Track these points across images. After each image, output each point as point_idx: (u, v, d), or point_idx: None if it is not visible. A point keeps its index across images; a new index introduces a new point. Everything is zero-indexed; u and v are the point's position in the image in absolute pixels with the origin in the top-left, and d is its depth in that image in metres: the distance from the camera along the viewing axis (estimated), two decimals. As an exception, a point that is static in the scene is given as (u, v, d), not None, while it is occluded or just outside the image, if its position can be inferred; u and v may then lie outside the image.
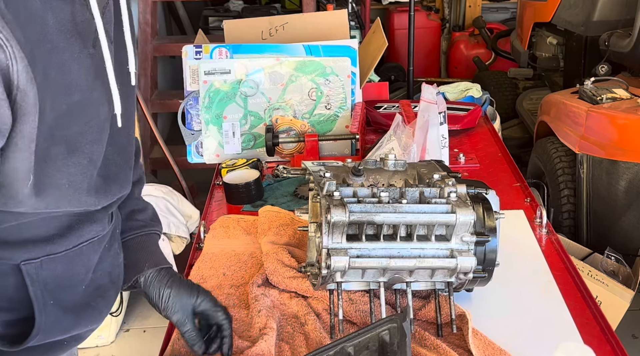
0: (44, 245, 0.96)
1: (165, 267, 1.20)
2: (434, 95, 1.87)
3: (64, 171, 0.89)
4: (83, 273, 1.04)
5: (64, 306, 1.01)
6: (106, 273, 1.11)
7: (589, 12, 3.51)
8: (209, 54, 2.13)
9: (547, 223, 1.67)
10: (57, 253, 0.98)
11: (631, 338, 2.82)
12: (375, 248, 1.21)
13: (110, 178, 0.99)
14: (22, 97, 0.77)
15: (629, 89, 2.81)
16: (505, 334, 1.26)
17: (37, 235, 0.95)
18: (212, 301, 1.19)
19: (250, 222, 1.70)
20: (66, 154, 0.88)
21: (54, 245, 0.97)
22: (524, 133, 4.21)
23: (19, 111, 0.78)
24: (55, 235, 0.97)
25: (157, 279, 1.18)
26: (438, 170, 1.34)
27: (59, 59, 0.83)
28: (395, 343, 1.04)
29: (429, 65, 5.89)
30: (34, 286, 0.96)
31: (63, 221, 0.97)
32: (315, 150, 2.04)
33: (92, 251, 1.04)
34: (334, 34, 2.32)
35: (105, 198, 0.98)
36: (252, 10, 5.49)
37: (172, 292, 1.17)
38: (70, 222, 0.98)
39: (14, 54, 0.75)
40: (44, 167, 0.86)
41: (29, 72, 0.77)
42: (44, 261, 0.96)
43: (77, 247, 1.00)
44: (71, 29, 0.85)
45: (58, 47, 0.83)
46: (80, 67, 0.86)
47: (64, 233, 0.98)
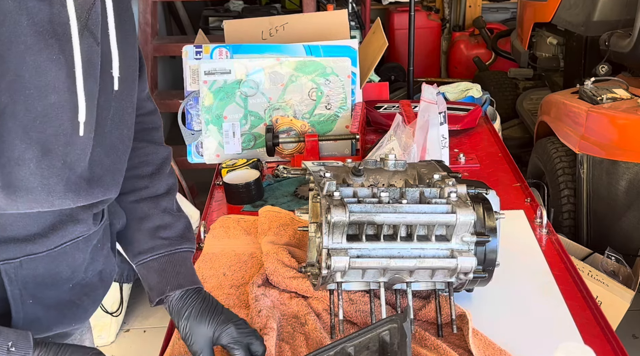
0: (24, 245, 0.95)
1: (190, 288, 1.13)
2: (434, 95, 1.87)
3: (37, 174, 0.88)
4: (68, 272, 1.02)
5: (46, 304, 1.00)
6: (97, 273, 1.09)
7: (589, 12, 3.51)
8: (209, 54, 2.13)
9: (548, 223, 1.67)
10: (38, 253, 0.96)
11: (631, 338, 2.82)
12: (375, 248, 1.21)
13: (94, 181, 0.97)
14: None
15: (629, 89, 2.81)
16: (505, 334, 1.26)
17: (17, 234, 0.94)
18: (231, 334, 1.09)
19: (250, 222, 1.70)
20: (40, 157, 0.87)
21: (34, 244, 0.96)
22: (524, 133, 4.21)
23: None
24: (36, 234, 0.96)
25: (179, 304, 1.11)
26: (438, 170, 1.34)
27: (34, 60, 0.82)
28: (395, 343, 1.04)
29: (429, 65, 5.89)
30: (11, 285, 0.95)
31: (45, 220, 0.96)
32: (315, 150, 2.04)
33: (76, 250, 1.02)
34: (334, 34, 2.32)
35: (85, 199, 0.96)
36: (252, 10, 5.49)
37: (189, 323, 1.09)
38: (52, 221, 0.97)
39: None
40: (17, 170, 0.86)
41: None
42: (24, 261, 0.95)
43: (60, 246, 0.99)
44: (49, 31, 0.84)
45: (33, 48, 0.82)
46: (58, 68, 0.85)
47: (46, 233, 0.96)
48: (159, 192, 1.19)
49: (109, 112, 0.99)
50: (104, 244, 1.11)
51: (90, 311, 1.12)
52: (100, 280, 1.10)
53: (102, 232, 1.09)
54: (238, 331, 1.09)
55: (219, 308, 1.13)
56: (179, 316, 1.11)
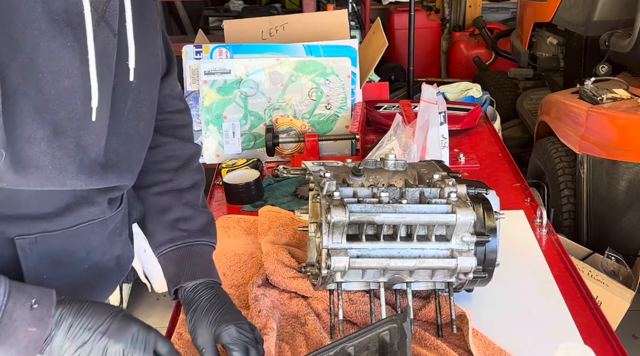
0: (39, 222, 0.98)
1: (203, 281, 1.15)
2: (434, 95, 1.87)
3: (48, 153, 0.91)
4: (83, 253, 1.06)
5: (60, 282, 1.01)
6: (114, 258, 1.12)
7: (589, 12, 3.51)
8: (209, 54, 2.13)
9: (547, 224, 1.67)
10: (53, 231, 1.00)
11: (631, 338, 2.82)
12: (375, 248, 1.21)
13: (109, 166, 1.00)
14: None
15: (629, 89, 2.81)
16: (505, 334, 1.26)
17: (32, 212, 0.97)
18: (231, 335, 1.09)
19: (250, 222, 1.70)
20: (52, 137, 0.90)
21: (49, 223, 0.99)
22: (524, 133, 4.21)
23: None
24: (51, 213, 0.99)
25: (190, 296, 1.13)
26: (438, 170, 1.34)
27: (49, 45, 0.86)
28: (395, 343, 1.04)
29: (429, 65, 5.89)
30: (26, 260, 0.99)
31: (60, 200, 0.99)
32: (315, 150, 2.04)
33: (92, 233, 1.05)
34: (334, 34, 2.32)
35: (99, 183, 0.99)
36: (252, 10, 5.50)
37: (194, 317, 1.11)
38: (68, 202, 1.00)
39: None
40: (28, 148, 0.88)
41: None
42: (39, 237, 0.99)
43: (74, 227, 1.02)
44: (64, 19, 0.88)
45: (47, 34, 0.86)
46: (72, 55, 0.89)
47: (61, 213, 0.99)
48: (183, 185, 1.21)
49: (125, 104, 1.02)
50: (122, 231, 1.14)
51: (105, 294, 1.15)
52: (117, 264, 1.13)
53: (120, 218, 1.12)
54: (238, 332, 1.09)
55: (227, 306, 1.13)
56: (188, 309, 1.13)
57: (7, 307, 0.88)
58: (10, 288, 0.89)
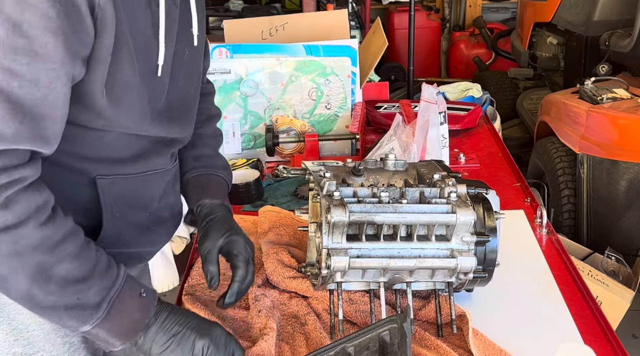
0: (117, 166, 1.10)
1: (218, 202, 1.27)
2: (434, 95, 1.87)
3: (137, 99, 1.04)
4: (147, 199, 1.18)
5: (128, 222, 1.15)
6: (168, 207, 1.25)
7: (589, 12, 3.51)
8: (209, 54, 2.12)
9: (548, 223, 1.67)
10: (127, 174, 1.12)
11: (631, 338, 2.82)
12: (375, 248, 1.20)
13: (173, 120, 1.15)
14: (102, 14, 0.93)
15: (629, 88, 2.81)
16: (505, 334, 1.26)
17: (111, 155, 1.09)
18: (235, 244, 1.20)
19: (250, 222, 1.70)
20: (139, 85, 1.03)
21: (124, 166, 1.11)
22: (524, 133, 4.21)
23: (100, 26, 0.93)
24: (126, 158, 1.11)
25: (207, 211, 1.26)
26: (438, 170, 1.34)
27: (130, 5, 0.99)
28: (395, 343, 1.04)
29: (429, 65, 5.90)
30: (104, 198, 1.10)
31: (134, 147, 1.11)
32: (315, 150, 2.04)
33: (155, 181, 1.18)
34: (334, 34, 2.32)
35: (167, 131, 1.14)
36: (252, 10, 5.50)
37: (209, 225, 1.23)
38: (140, 150, 1.12)
39: None
40: (127, 91, 1.02)
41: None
42: (115, 179, 1.11)
43: (144, 173, 1.14)
44: None
45: None
46: (144, 18, 1.03)
47: (135, 159, 1.12)
48: (206, 132, 1.37)
49: (181, 69, 1.15)
50: (175, 183, 1.27)
51: (164, 240, 1.28)
52: (170, 214, 1.26)
53: (175, 171, 1.25)
54: (246, 245, 1.21)
55: (237, 226, 1.25)
56: (203, 220, 1.25)
57: (123, 288, 1.01)
58: (127, 276, 1.03)
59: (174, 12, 1.09)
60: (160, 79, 1.08)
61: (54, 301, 0.96)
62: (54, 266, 0.95)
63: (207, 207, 1.27)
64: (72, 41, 0.91)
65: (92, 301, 0.97)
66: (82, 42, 0.93)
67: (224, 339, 1.07)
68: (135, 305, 1.02)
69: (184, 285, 1.45)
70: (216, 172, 1.33)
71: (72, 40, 0.90)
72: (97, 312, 0.98)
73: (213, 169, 1.33)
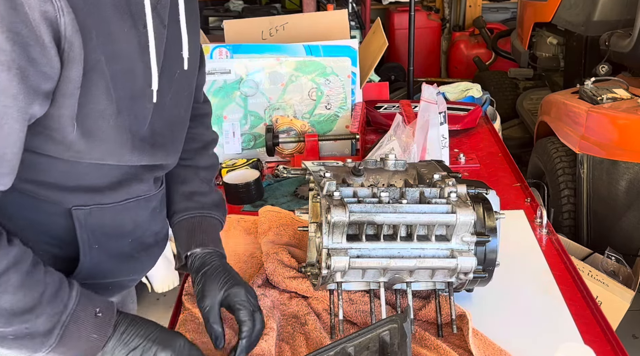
0: (94, 195, 1.06)
1: (214, 250, 1.22)
2: (434, 95, 1.87)
3: (114, 129, 0.98)
4: (130, 227, 1.13)
5: (108, 253, 1.11)
6: (153, 233, 1.20)
7: (589, 12, 3.51)
8: (209, 54, 2.13)
9: (548, 223, 1.67)
10: (106, 204, 1.07)
11: (631, 338, 2.82)
12: (375, 248, 1.20)
13: (157, 147, 1.09)
14: (69, 46, 0.88)
15: (629, 89, 2.81)
16: (505, 334, 1.26)
17: (88, 184, 1.04)
18: (238, 297, 1.14)
19: (250, 222, 1.70)
20: (116, 114, 0.97)
21: (103, 196, 1.06)
22: (524, 133, 4.21)
23: (67, 59, 0.89)
24: (105, 187, 1.06)
25: (200, 262, 1.19)
26: (438, 170, 1.34)
27: (108, 29, 0.93)
28: (395, 343, 1.04)
29: (429, 65, 5.90)
30: (81, 230, 1.06)
31: (113, 175, 1.06)
32: (315, 150, 2.04)
33: (138, 208, 1.13)
34: (334, 34, 2.32)
35: (149, 159, 1.08)
36: (252, 10, 5.50)
37: (204, 279, 1.16)
38: (120, 178, 1.07)
39: (62, 8, 0.85)
40: (100, 122, 0.96)
41: (75, 25, 0.87)
42: (93, 209, 1.06)
43: (124, 201, 1.09)
44: (124, 8, 0.95)
45: (109, 20, 0.93)
46: (127, 41, 0.96)
47: (113, 187, 1.07)
48: (201, 164, 1.31)
49: (169, 92, 1.09)
50: (162, 209, 1.22)
51: (147, 267, 1.23)
52: (155, 240, 1.21)
53: (160, 197, 1.20)
54: (247, 296, 1.15)
55: (235, 274, 1.20)
56: (197, 272, 1.18)
57: (75, 311, 0.96)
58: (80, 295, 0.98)
59: (161, 34, 1.03)
60: (146, 105, 1.03)
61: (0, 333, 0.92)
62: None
63: (200, 258, 1.20)
64: (31, 75, 0.85)
65: (42, 329, 0.93)
66: (45, 76, 0.87)
67: (187, 350, 1.02)
68: (90, 326, 0.97)
69: (184, 285, 1.45)
70: (209, 213, 1.26)
71: (30, 74, 0.85)
72: (48, 340, 0.94)
73: (206, 210, 1.26)
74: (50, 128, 0.94)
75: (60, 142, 0.96)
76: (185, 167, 1.28)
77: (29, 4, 0.83)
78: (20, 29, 0.82)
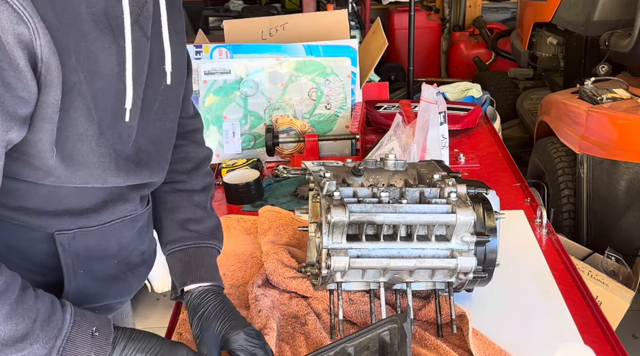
0: (78, 219, 1.02)
1: (210, 286, 1.16)
2: (434, 95, 1.87)
3: (96, 151, 0.95)
4: (116, 249, 1.10)
5: (94, 276, 1.08)
6: (140, 253, 1.16)
7: (589, 12, 3.51)
8: (209, 54, 2.13)
9: (547, 223, 1.67)
10: (90, 227, 1.04)
11: (631, 338, 2.82)
12: (375, 248, 1.20)
13: (142, 165, 1.04)
14: (46, 69, 0.84)
15: (629, 88, 2.81)
16: (505, 334, 1.26)
17: (71, 208, 1.01)
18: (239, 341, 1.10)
19: (250, 222, 1.70)
20: (98, 135, 0.94)
21: (87, 219, 1.03)
22: (524, 133, 4.21)
23: (44, 82, 0.85)
24: (89, 209, 1.03)
25: (197, 302, 1.14)
26: (438, 170, 1.34)
27: (87, 46, 0.89)
28: (395, 343, 1.04)
29: (429, 65, 5.89)
30: (65, 255, 1.03)
31: (97, 197, 1.03)
32: (315, 150, 2.04)
33: (124, 229, 1.09)
34: (334, 34, 2.32)
35: (134, 179, 1.04)
36: (252, 10, 5.50)
37: (201, 322, 1.12)
38: (104, 199, 1.04)
39: (37, 30, 0.81)
40: (80, 146, 0.93)
41: (52, 47, 0.83)
42: (77, 233, 1.03)
43: (109, 223, 1.06)
44: (104, 22, 0.91)
45: (88, 36, 0.89)
46: (107, 57, 0.92)
47: (98, 209, 1.04)
48: (195, 187, 1.24)
49: (154, 105, 1.05)
50: (149, 228, 1.18)
51: (135, 287, 1.18)
52: (142, 260, 1.17)
53: (147, 216, 1.16)
54: (247, 340, 1.10)
55: (234, 313, 1.14)
56: (194, 314, 1.14)
57: (71, 334, 0.93)
58: (75, 315, 0.95)
59: (144, 46, 0.98)
60: (128, 123, 0.98)
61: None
62: None
63: (196, 297, 1.15)
64: (6, 101, 0.82)
65: (38, 354, 0.91)
66: (22, 101, 0.83)
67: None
68: (87, 346, 0.94)
69: None
70: (205, 242, 1.20)
71: (5, 99, 0.82)
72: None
73: (201, 240, 1.20)
74: (27, 155, 0.91)
75: (38, 167, 0.93)
76: (178, 192, 1.22)
77: (1, 27, 0.79)
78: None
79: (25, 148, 0.90)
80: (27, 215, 0.99)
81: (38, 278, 1.02)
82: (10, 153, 0.90)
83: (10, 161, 0.91)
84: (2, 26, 0.79)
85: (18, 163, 0.92)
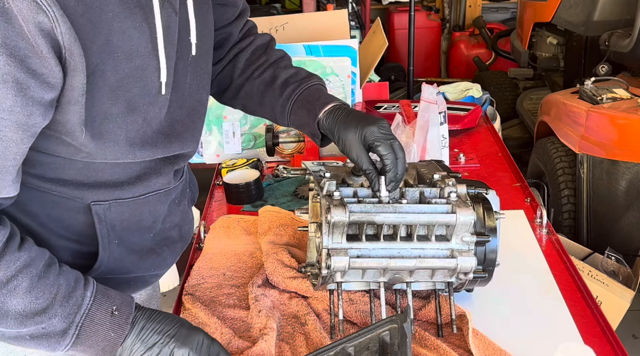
0: (113, 190, 1.06)
1: (334, 104, 1.21)
2: (434, 95, 1.87)
3: (123, 128, 0.99)
4: (150, 221, 1.14)
5: (129, 247, 1.12)
6: (175, 226, 1.21)
7: (589, 12, 3.51)
8: (209, 54, 2.13)
9: (548, 223, 1.67)
10: (125, 198, 1.08)
11: (631, 338, 2.82)
12: (375, 248, 1.20)
13: (174, 136, 1.09)
14: (70, 54, 0.88)
15: (629, 88, 2.81)
16: (505, 334, 1.26)
17: (106, 180, 1.05)
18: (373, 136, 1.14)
19: (250, 222, 1.70)
20: (126, 113, 0.98)
21: (122, 191, 1.07)
22: (524, 133, 4.21)
23: (69, 67, 0.89)
24: (124, 182, 1.07)
25: (329, 122, 1.20)
26: (438, 170, 1.34)
27: (121, 26, 0.94)
28: (395, 343, 1.04)
29: (429, 65, 5.90)
30: (100, 225, 1.07)
31: (131, 170, 1.07)
32: (315, 150, 2.04)
33: (158, 202, 1.14)
34: (334, 34, 2.32)
35: (163, 152, 1.08)
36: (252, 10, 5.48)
37: (341, 134, 1.17)
38: (138, 172, 1.08)
39: (56, 18, 0.85)
40: (106, 124, 0.97)
41: (73, 33, 0.87)
42: (112, 204, 1.07)
43: (143, 195, 1.10)
44: (134, 1, 0.95)
45: (119, 15, 0.93)
46: (141, 35, 0.97)
47: (132, 182, 1.08)
48: (275, 58, 1.33)
49: (186, 77, 1.10)
50: (181, 200, 1.22)
51: (170, 262, 1.23)
52: (179, 234, 1.22)
53: (180, 189, 1.20)
54: (380, 131, 1.15)
55: (364, 115, 1.19)
56: (333, 134, 1.20)
57: (90, 311, 0.97)
58: (96, 293, 0.99)
59: (173, 21, 1.03)
60: (162, 97, 1.03)
61: (16, 333, 0.94)
62: (7, 302, 0.92)
63: (325, 120, 1.20)
64: (29, 87, 0.86)
65: (57, 328, 0.95)
66: (48, 86, 0.88)
67: (207, 345, 1.01)
68: (107, 324, 0.98)
69: (184, 285, 1.45)
70: (308, 83, 1.27)
71: (28, 85, 0.86)
72: (64, 339, 0.96)
73: (305, 82, 1.27)
74: (60, 132, 0.96)
75: (70, 144, 0.98)
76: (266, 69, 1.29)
77: (23, 17, 0.82)
78: (16, 42, 0.83)
79: (57, 127, 0.95)
80: (64, 186, 1.03)
81: (74, 246, 1.06)
82: (44, 131, 0.94)
83: (44, 138, 0.96)
84: (23, 16, 0.82)
85: (52, 140, 0.97)
